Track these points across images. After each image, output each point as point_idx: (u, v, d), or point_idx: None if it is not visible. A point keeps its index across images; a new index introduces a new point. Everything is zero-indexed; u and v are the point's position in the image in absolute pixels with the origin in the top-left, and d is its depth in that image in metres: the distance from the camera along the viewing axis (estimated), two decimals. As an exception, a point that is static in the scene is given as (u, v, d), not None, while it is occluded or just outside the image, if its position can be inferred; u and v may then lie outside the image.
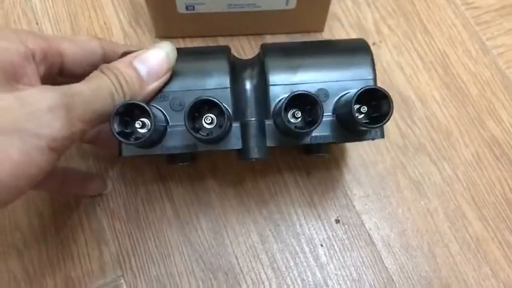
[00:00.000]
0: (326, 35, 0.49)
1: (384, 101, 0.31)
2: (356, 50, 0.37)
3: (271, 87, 0.35)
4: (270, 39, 0.48)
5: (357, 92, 0.31)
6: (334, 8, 0.49)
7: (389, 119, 0.31)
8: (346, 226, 0.42)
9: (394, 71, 0.48)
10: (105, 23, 0.49)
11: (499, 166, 0.44)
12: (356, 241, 0.42)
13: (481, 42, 0.49)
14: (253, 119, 0.35)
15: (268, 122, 0.34)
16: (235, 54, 0.47)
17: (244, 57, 0.44)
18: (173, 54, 0.33)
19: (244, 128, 0.34)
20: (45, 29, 0.49)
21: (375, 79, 0.36)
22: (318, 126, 0.31)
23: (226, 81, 0.35)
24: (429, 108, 0.46)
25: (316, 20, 0.48)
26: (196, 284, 0.40)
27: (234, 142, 0.34)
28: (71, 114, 0.27)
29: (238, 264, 0.41)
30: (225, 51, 0.37)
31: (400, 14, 0.50)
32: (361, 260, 0.41)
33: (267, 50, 0.37)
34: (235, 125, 0.34)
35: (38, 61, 0.29)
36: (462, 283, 0.41)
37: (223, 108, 0.31)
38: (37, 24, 0.49)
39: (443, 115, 0.46)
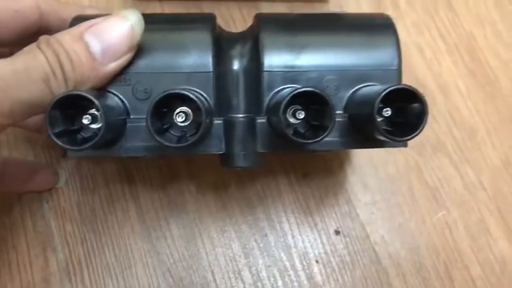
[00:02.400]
0: (332, 5, 0.41)
1: (416, 106, 0.24)
2: (377, 28, 0.29)
3: (265, 74, 0.27)
4: (266, 7, 0.40)
5: (383, 91, 0.23)
6: (344, -27, 0.41)
7: (421, 130, 0.23)
8: (348, 239, 0.35)
9: (411, 53, 0.40)
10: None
11: (531, 173, 0.37)
12: (359, 258, 0.35)
13: (515, 24, 0.41)
14: (241, 115, 0.27)
15: (260, 120, 0.26)
16: (222, 26, 0.39)
17: (234, 30, 0.36)
18: (140, 27, 0.25)
19: (229, 126, 0.26)
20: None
21: (399, 69, 0.28)
22: (326, 136, 0.23)
23: (208, 61, 0.26)
24: (452, 100, 0.39)
25: (322, -13, 0.39)
26: (162, 304, 0.33)
27: (215, 145, 0.26)
28: None
29: (215, 281, 0.34)
30: (208, 20, 0.28)
31: (420, -14, 0.42)
32: (363, 281, 0.34)
33: (262, 22, 0.28)
34: (218, 122, 0.26)
35: None
36: (483, 313, 0.34)
37: (200, 104, 0.23)
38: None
39: (467, 109, 0.39)
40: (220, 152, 0.26)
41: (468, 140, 0.38)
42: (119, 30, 0.24)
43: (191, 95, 0.22)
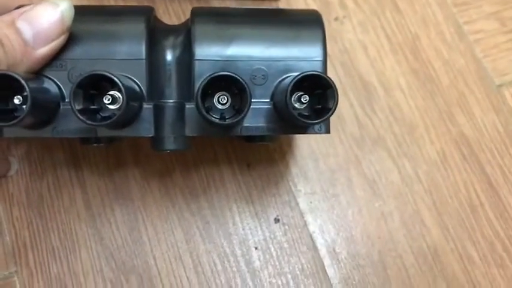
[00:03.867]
0: (282, 4, 0.42)
1: (329, 92, 0.25)
2: (305, 23, 0.30)
3: (197, 62, 0.28)
4: (217, 4, 0.42)
5: (293, 79, 0.25)
6: (294, -26, 0.43)
7: (331, 114, 0.25)
8: (287, 227, 0.37)
9: (356, 51, 0.42)
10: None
11: (465, 168, 0.39)
12: (296, 245, 0.36)
13: (458, 26, 0.43)
14: (171, 100, 0.28)
15: (189, 106, 0.28)
16: (173, 21, 0.40)
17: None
18: (69, 13, 0.26)
19: (159, 111, 0.28)
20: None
21: (324, 61, 0.29)
22: (243, 116, 0.25)
23: (141, 50, 0.28)
24: (393, 97, 0.41)
25: (271, -14, 0.41)
26: (103, 286, 0.34)
27: (145, 128, 0.28)
28: None
29: (156, 265, 0.35)
30: (145, 12, 0.30)
31: (369, -13, 0.44)
32: (300, 267, 0.36)
33: (196, 15, 0.30)
34: (147, 107, 0.27)
35: None
36: (414, 300, 0.36)
37: (121, 86, 0.24)
38: None
39: (408, 106, 0.40)
40: (150, 135, 0.28)
41: (407, 135, 0.40)
42: (50, 16, 0.25)
43: (113, 77, 0.24)
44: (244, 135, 0.30)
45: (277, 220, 0.37)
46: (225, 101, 0.27)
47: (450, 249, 0.37)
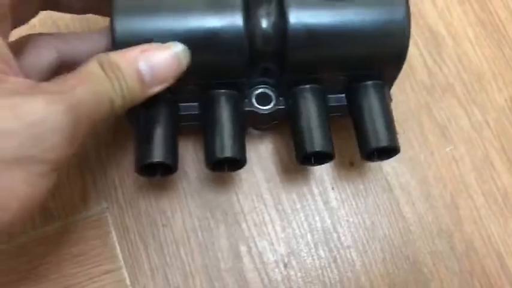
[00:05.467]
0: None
1: None
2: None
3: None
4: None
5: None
6: None
7: None
8: (362, 169, 0.38)
9: (424, 2, 0.42)
10: None
11: (534, 114, 0.40)
12: (372, 186, 0.38)
13: (524, -23, 0.44)
14: None
15: None
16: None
17: None
18: (185, 58, 0.28)
19: None
20: None
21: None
22: None
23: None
24: (461, 46, 0.41)
25: None
26: (191, 221, 0.36)
27: None
28: (76, 131, 0.23)
29: (239, 202, 0.36)
30: None
31: None
32: (376, 207, 0.37)
33: None
34: None
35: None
36: (486, 239, 0.37)
37: None
38: None
39: (475, 55, 0.41)
40: None
41: (475, 83, 0.40)
42: (168, 61, 0.27)
43: None
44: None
45: (352, 164, 0.38)
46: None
47: (520, 192, 0.38)
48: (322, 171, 0.38)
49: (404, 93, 0.40)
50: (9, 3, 0.24)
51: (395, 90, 0.39)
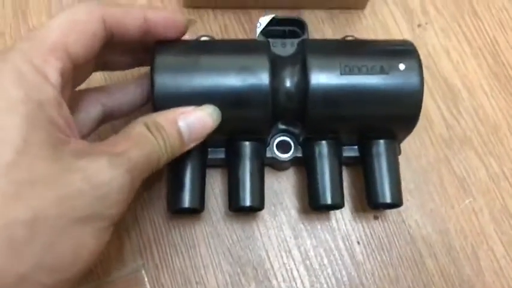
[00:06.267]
0: (368, 12, 0.45)
1: None
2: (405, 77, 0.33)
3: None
4: (307, 14, 0.44)
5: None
6: (378, -17, 0.45)
7: None
8: (386, 223, 0.39)
9: (440, 55, 0.44)
10: (128, -11, 0.44)
11: (549, 165, 0.41)
12: (395, 239, 0.39)
13: (534, 29, 0.45)
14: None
15: None
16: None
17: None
18: (217, 121, 0.31)
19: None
20: (61, -9, 0.44)
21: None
22: None
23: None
24: (477, 99, 0.43)
25: (360, -4, 0.44)
26: (223, 279, 0.37)
27: None
28: (132, 189, 0.26)
29: (269, 258, 0.38)
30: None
31: (447, -7, 0.46)
32: (399, 259, 0.39)
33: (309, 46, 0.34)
34: None
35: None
36: (506, 289, 0.38)
37: None
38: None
39: (491, 107, 0.43)
40: None
41: (492, 135, 0.42)
42: (204, 122, 0.31)
43: None
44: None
45: (376, 217, 0.39)
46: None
47: (538, 242, 0.39)
48: (348, 226, 0.39)
49: (424, 146, 0.41)
50: (71, 71, 0.27)
51: (415, 143, 0.41)
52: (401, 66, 0.33)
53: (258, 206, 0.35)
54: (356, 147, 0.37)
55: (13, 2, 0.43)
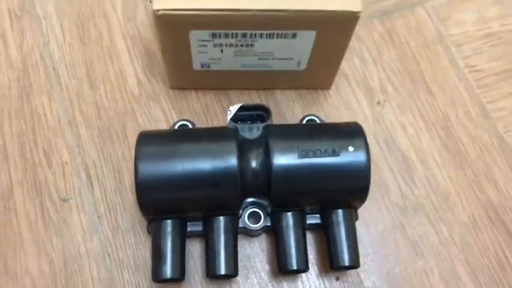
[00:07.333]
0: (333, 92, 0.51)
1: None
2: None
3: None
4: (279, 94, 0.50)
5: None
6: (342, 65, 0.51)
7: None
8: (346, 284, 0.44)
9: (397, 130, 0.50)
10: (120, 71, 0.50)
11: (493, 230, 0.46)
12: (354, 299, 0.44)
13: (481, 105, 0.51)
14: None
15: None
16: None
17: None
18: None
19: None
20: (62, 73, 0.50)
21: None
22: None
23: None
24: (429, 169, 0.48)
25: (325, 79, 0.49)
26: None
27: None
28: None
29: (241, 318, 0.43)
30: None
31: (404, 73, 0.52)
32: (359, 318, 0.43)
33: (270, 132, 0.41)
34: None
35: None
36: None
37: None
38: (54, 69, 0.50)
39: (442, 177, 0.48)
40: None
41: (442, 202, 0.47)
42: None
43: None
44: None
45: (337, 279, 0.44)
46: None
47: (483, 301, 0.44)
48: (311, 285, 0.44)
49: (381, 213, 0.46)
50: None
51: (373, 211, 0.46)
52: (351, 148, 0.38)
53: (232, 273, 0.39)
54: (319, 215, 0.42)
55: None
